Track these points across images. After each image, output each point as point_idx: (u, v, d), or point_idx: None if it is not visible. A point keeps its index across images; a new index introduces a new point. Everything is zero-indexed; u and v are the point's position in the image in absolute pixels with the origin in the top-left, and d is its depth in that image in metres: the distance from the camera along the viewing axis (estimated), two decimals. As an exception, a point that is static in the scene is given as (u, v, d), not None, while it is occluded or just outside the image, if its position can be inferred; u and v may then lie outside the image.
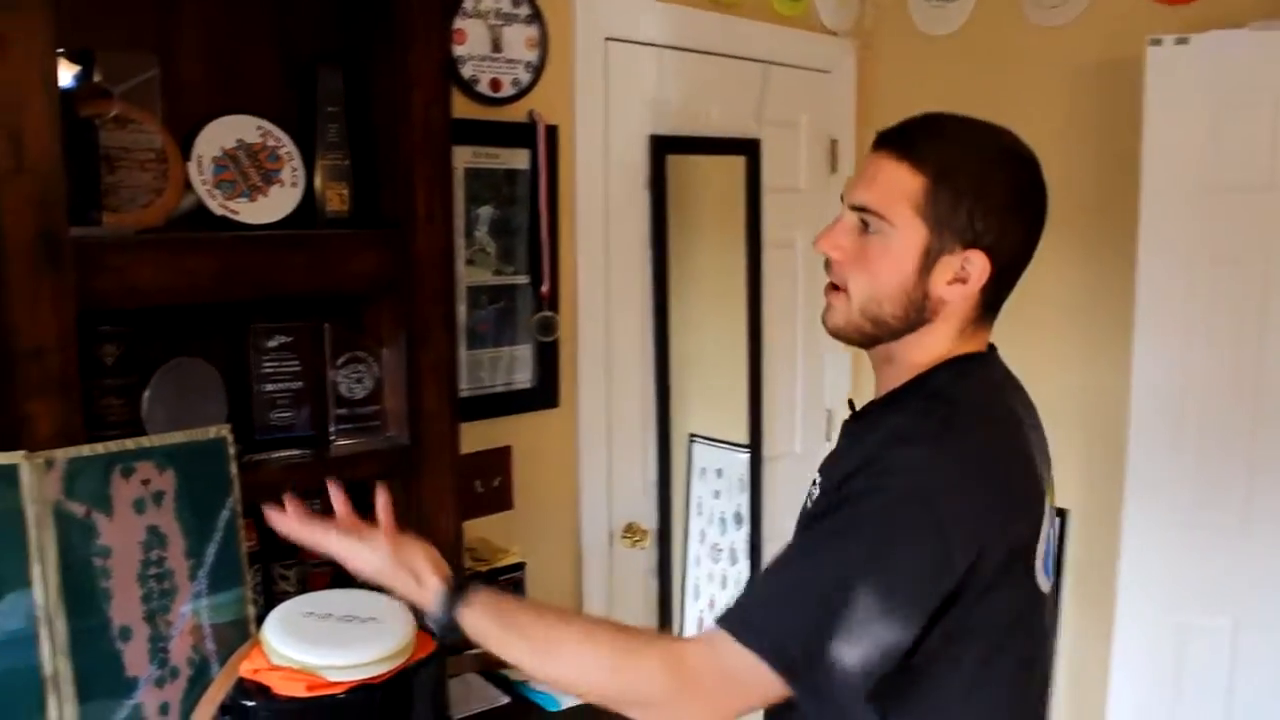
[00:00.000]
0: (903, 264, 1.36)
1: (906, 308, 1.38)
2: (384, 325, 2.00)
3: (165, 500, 1.63)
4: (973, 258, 1.35)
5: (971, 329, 1.42)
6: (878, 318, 1.40)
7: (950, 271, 1.36)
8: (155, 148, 1.75)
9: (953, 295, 1.37)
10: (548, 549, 2.64)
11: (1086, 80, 3.01)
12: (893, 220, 1.36)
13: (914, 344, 1.41)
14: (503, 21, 2.46)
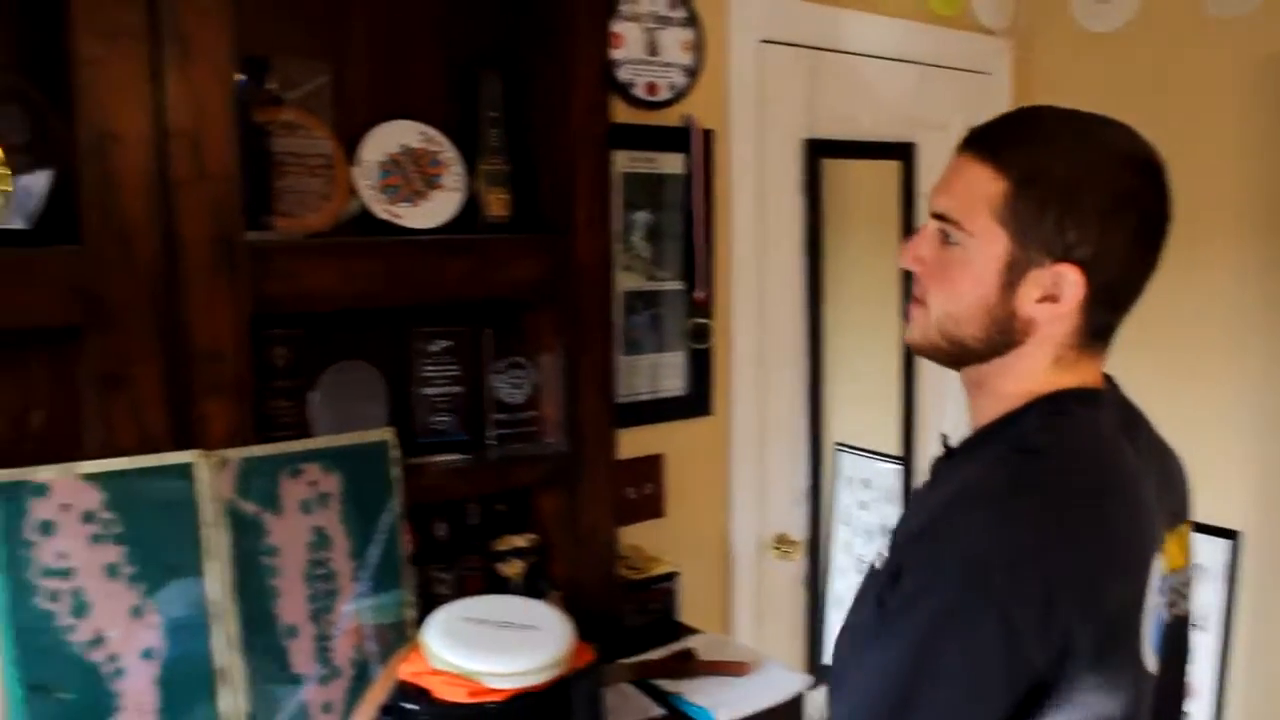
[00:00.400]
0: (983, 279, 1.19)
1: (989, 328, 1.21)
2: (543, 331, 2.00)
3: (331, 501, 1.65)
4: (1064, 273, 1.16)
5: (1074, 356, 1.22)
6: (956, 338, 1.23)
7: (1039, 288, 1.17)
8: (324, 153, 1.78)
9: (1043, 316, 1.19)
10: (697, 558, 2.61)
11: (1272, 75, 2.83)
12: (971, 229, 1.19)
13: (1004, 370, 1.23)
14: (659, 25, 2.44)
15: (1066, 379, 1.22)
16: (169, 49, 1.50)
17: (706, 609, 2.64)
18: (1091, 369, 1.25)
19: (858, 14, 2.88)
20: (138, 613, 1.47)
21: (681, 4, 2.47)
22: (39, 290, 1.44)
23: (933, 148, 3.15)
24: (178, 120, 1.51)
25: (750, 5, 2.62)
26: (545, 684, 1.57)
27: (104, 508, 1.45)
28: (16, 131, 1.53)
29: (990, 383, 1.25)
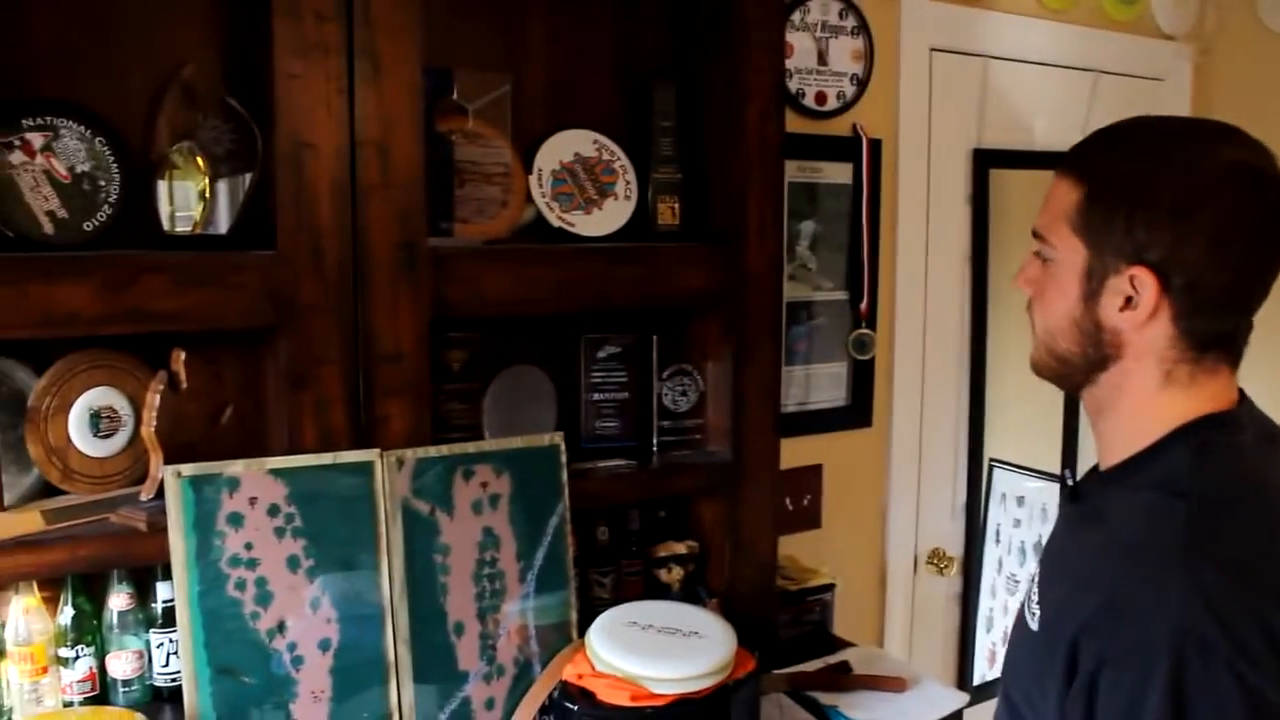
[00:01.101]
0: (1068, 291, 1.18)
1: (1081, 341, 1.18)
2: (710, 339, 2.01)
3: (501, 503, 1.69)
4: (1138, 275, 1.12)
5: (1186, 372, 1.16)
6: (1057, 354, 1.22)
7: (1119, 295, 1.14)
8: (503, 161, 1.82)
9: (1127, 324, 1.15)
10: (852, 570, 2.59)
11: None
12: (1056, 243, 1.19)
13: (1115, 391, 1.19)
14: (829, 34, 2.43)
15: (1192, 401, 1.16)
16: (361, 64, 1.55)
17: (860, 622, 2.62)
18: (1215, 386, 1.17)
19: (1030, 20, 2.82)
20: (315, 604, 1.53)
21: (852, 12, 2.45)
22: (236, 293, 1.51)
23: (1106, 158, 3.06)
24: (367, 131, 1.57)
25: (921, 13, 2.59)
26: (706, 690, 1.59)
27: (287, 502, 1.52)
28: (219, 142, 1.61)
29: (1108, 408, 1.21)
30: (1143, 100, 3.15)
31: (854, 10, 2.46)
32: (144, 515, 1.49)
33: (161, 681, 1.63)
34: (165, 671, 1.63)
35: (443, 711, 1.63)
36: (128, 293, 1.45)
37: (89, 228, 1.51)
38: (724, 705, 1.61)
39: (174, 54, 1.62)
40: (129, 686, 1.61)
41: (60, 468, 1.55)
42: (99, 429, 1.57)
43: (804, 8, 2.38)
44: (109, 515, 1.52)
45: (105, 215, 1.52)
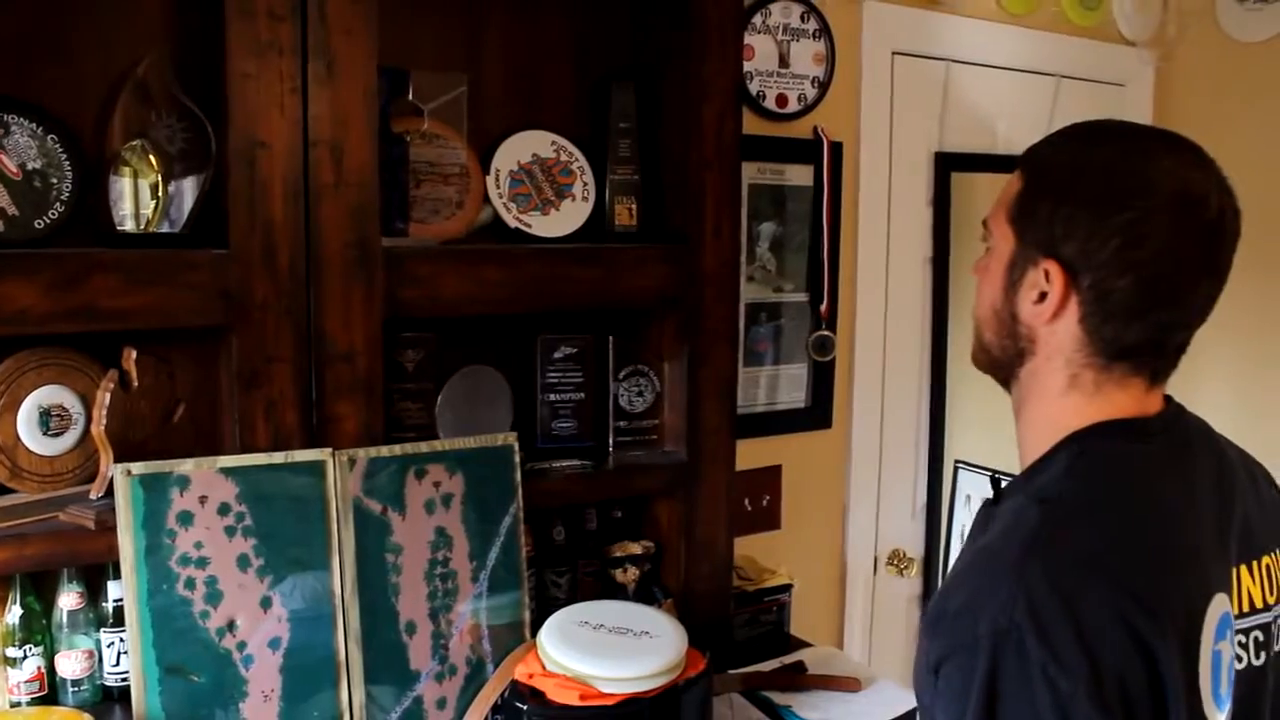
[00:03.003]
0: (996, 279, 1.18)
1: (999, 331, 1.19)
2: (666, 340, 2.01)
3: (454, 503, 1.69)
4: (1050, 269, 1.11)
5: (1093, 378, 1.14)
6: (983, 343, 1.24)
7: (1034, 289, 1.13)
8: (459, 162, 1.82)
9: (1038, 320, 1.14)
10: (812, 571, 2.60)
11: None
12: (993, 230, 1.19)
13: (1028, 390, 1.19)
14: (791, 37, 2.44)
15: (1091, 409, 1.15)
16: (315, 64, 1.56)
17: (818, 623, 2.63)
18: (1123, 397, 1.15)
19: (992, 24, 2.84)
20: (266, 603, 1.53)
21: (814, 15, 2.47)
22: (188, 291, 1.51)
23: (1067, 162, 3.08)
24: (321, 131, 1.57)
25: (883, 17, 2.60)
26: (655, 691, 1.60)
27: (238, 501, 1.52)
28: (173, 140, 1.60)
29: (1022, 406, 1.21)
30: (1104, 105, 3.17)
31: (815, 13, 2.47)
32: (92, 514, 1.49)
33: (112, 681, 1.63)
34: (115, 671, 1.62)
35: (394, 711, 1.63)
36: (78, 290, 1.44)
37: (40, 225, 1.51)
38: (674, 705, 1.62)
39: (128, 51, 1.61)
40: (78, 686, 1.60)
41: (9, 466, 1.55)
42: (48, 427, 1.56)
43: (765, 10, 2.39)
44: (57, 514, 1.51)
45: (57, 213, 1.52)
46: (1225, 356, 3.19)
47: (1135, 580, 1.03)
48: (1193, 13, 3.19)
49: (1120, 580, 1.03)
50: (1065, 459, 1.13)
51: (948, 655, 1.05)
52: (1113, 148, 1.13)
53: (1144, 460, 1.15)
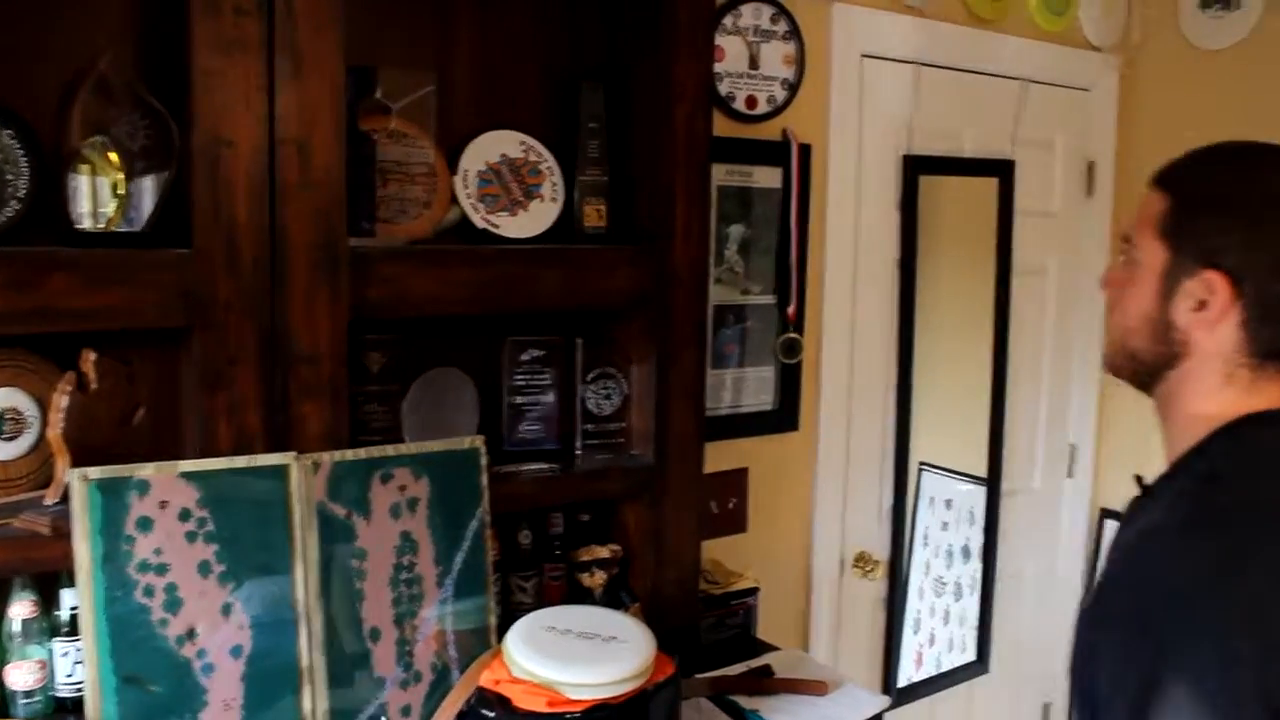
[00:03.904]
0: (1144, 289, 1.26)
1: (1153, 339, 1.26)
2: (635, 342, 2.00)
3: (419, 507, 1.67)
4: (1211, 279, 1.19)
5: (1247, 376, 1.21)
6: (1129, 350, 1.30)
7: (1191, 297, 1.21)
8: (427, 162, 1.80)
9: (1198, 325, 1.22)
10: (777, 574, 2.60)
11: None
12: (1140, 244, 1.27)
13: (1180, 388, 1.26)
14: (761, 38, 2.43)
15: (1247, 402, 1.22)
16: (282, 61, 1.53)
17: (785, 626, 2.63)
18: (1272, 391, 1.22)
19: (961, 29, 2.84)
20: (227, 610, 1.50)
21: (784, 17, 2.46)
22: (150, 292, 1.48)
23: (1033, 165, 3.10)
24: (288, 129, 1.54)
25: (853, 19, 2.60)
26: (624, 696, 1.58)
27: (199, 506, 1.49)
28: (135, 137, 1.57)
29: (1172, 406, 1.28)
30: (1071, 110, 3.20)
31: (786, 15, 2.46)
32: (48, 520, 1.45)
33: (65, 692, 1.58)
34: (69, 682, 1.58)
35: (358, 718, 1.60)
36: (35, 291, 1.41)
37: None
38: (642, 710, 1.60)
39: (88, 45, 1.58)
40: (30, 698, 1.56)
41: (-39, 471, 1.51)
42: (2, 431, 1.53)
43: (735, 12, 2.38)
44: (11, 520, 1.48)
45: (13, 210, 1.48)
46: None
47: None
48: (1156, 20, 3.22)
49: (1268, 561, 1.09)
50: (1223, 444, 1.21)
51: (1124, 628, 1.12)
52: (1256, 165, 1.24)
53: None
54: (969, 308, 3.07)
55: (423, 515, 1.67)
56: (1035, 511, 3.36)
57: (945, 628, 3.15)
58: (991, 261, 3.05)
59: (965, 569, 3.15)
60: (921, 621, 3.11)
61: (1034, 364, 3.26)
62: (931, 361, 2.91)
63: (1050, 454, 3.38)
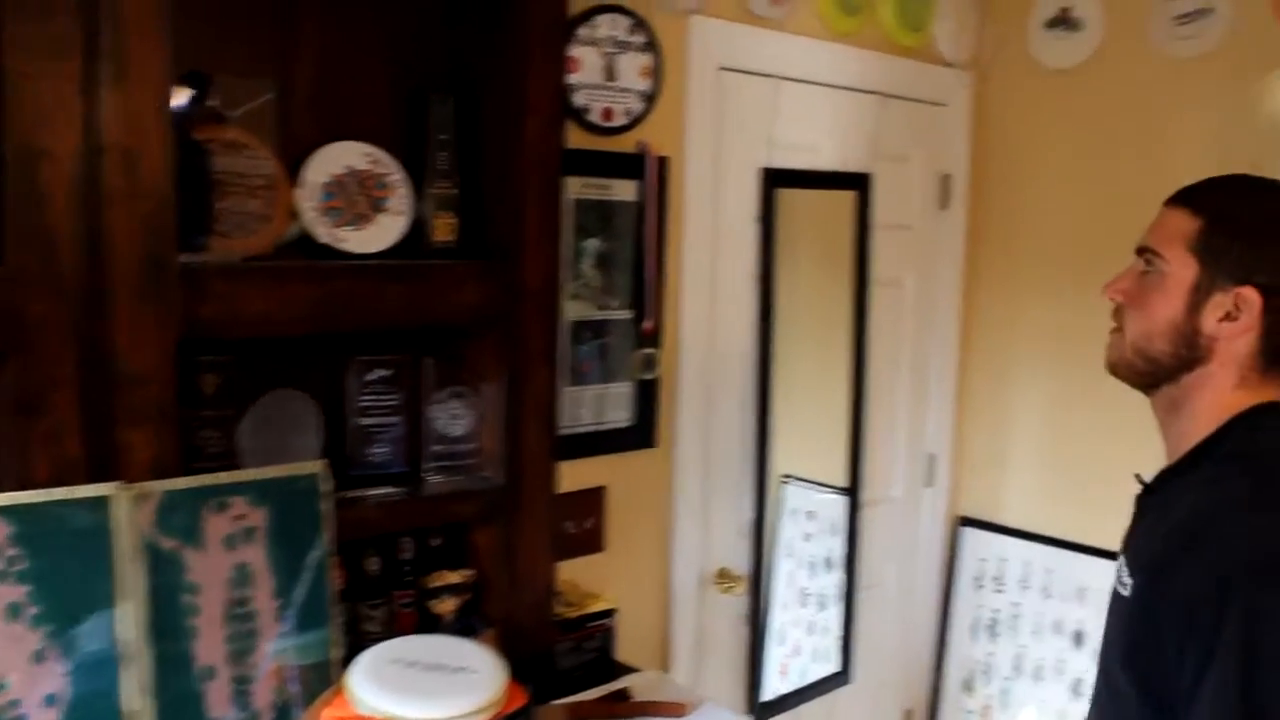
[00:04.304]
0: (1173, 299, 1.40)
1: (1177, 343, 1.40)
2: (486, 360, 1.94)
3: (256, 536, 1.59)
4: (1245, 295, 1.36)
5: (1256, 379, 1.40)
6: (1149, 354, 1.43)
7: (1221, 309, 1.37)
8: (266, 173, 1.71)
9: (1225, 333, 1.38)
10: (637, 593, 2.56)
11: (1222, 116, 2.86)
12: (1167, 257, 1.41)
13: (1197, 388, 1.42)
14: (617, 50, 2.40)
15: (1255, 398, 1.40)
16: (104, 65, 1.43)
17: (645, 646, 2.59)
18: (1272, 391, 1.40)
19: (818, 42, 2.85)
20: (39, 657, 1.40)
21: (641, 29, 2.43)
22: (-47, 312, 1.37)
23: (890, 179, 3.13)
24: (111, 137, 1.45)
25: (710, 32, 2.59)
26: (474, 730, 1.52)
27: (10, 543, 1.38)
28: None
29: (1186, 404, 1.43)
30: (927, 124, 3.25)
31: (643, 27, 2.43)
32: None
33: None
34: None
35: (191, 762, 1.52)
36: None
37: None
38: (494, 745, 1.55)
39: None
40: None
41: None
42: None
43: (591, 23, 2.34)
44: None
45: None
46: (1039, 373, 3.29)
47: None
48: (1006, 38, 3.29)
49: None
50: (1242, 427, 1.39)
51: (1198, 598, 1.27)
52: (1275, 192, 1.41)
53: None
54: (828, 320, 3.09)
55: (260, 545, 1.59)
56: (895, 521, 3.40)
57: (810, 639, 3.16)
58: (849, 274, 3.07)
59: (828, 580, 3.16)
60: (786, 633, 3.12)
61: (892, 375, 3.30)
62: (792, 374, 2.92)
63: (909, 464, 3.42)
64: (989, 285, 3.41)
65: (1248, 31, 2.80)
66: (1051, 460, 3.30)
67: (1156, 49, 2.97)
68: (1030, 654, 3.33)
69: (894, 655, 3.46)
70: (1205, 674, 1.25)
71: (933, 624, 3.56)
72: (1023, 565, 3.35)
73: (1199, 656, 1.25)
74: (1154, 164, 2.98)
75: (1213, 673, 1.24)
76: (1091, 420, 3.16)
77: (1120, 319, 1.49)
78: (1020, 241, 3.32)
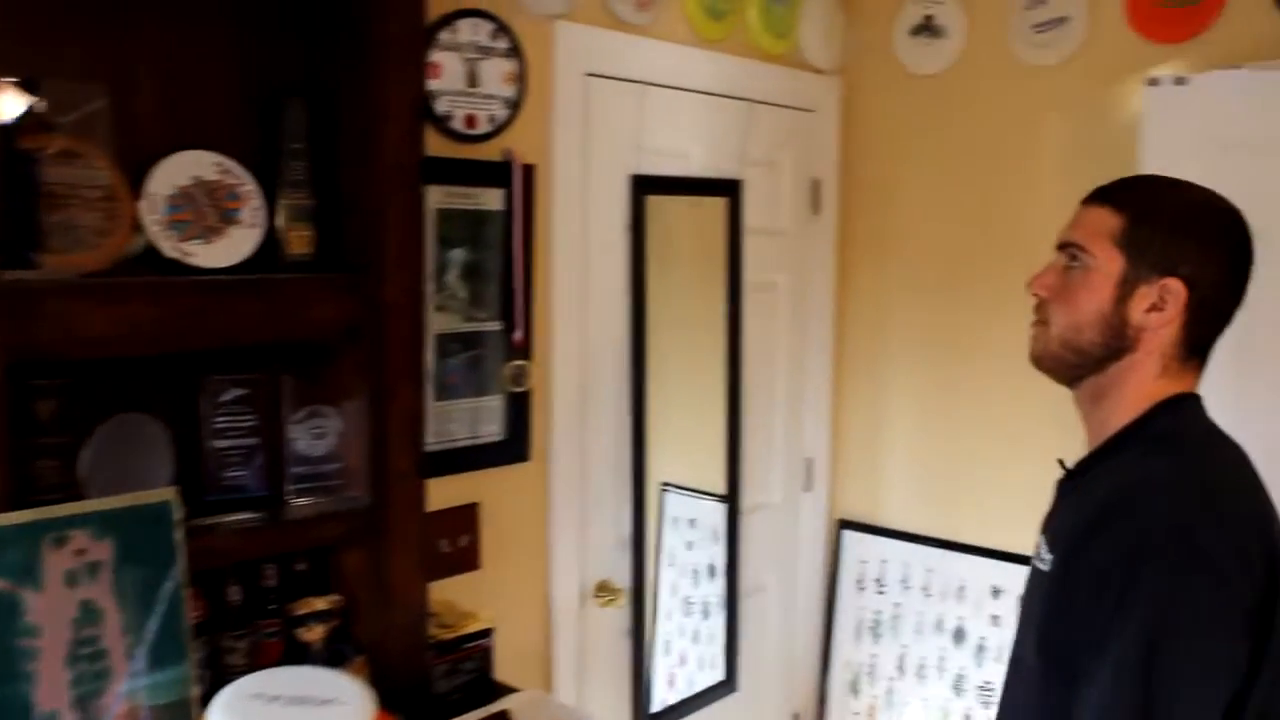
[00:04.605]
0: (1101, 292, 1.44)
1: (1105, 334, 1.45)
2: (347, 377, 1.87)
3: (102, 572, 1.49)
4: (1170, 285, 1.41)
5: (1177, 368, 1.46)
6: (1076, 345, 1.47)
7: (1147, 300, 1.42)
8: (103, 185, 1.62)
9: (1151, 323, 1.43)
10: (516, 611, 2.50)
11: (1079, 121, 2.94)
12: (1093, 252, 1.45)
13: (1121, 377, 1.46)
14: (480, 55, 2.34)
15: (1175, 387, 1.46)
16: (-87, 68, 1.33)
17: (526, 665, 2.53)
18: (1191, 379, 1.48)
19: (686, 48, 2.83)
20: None
21: (504, 34, 2.37)
22: None
23: (761, 184, 3.13)
24: (-77, 147, 1.35)
25: (575, 37, 2.54)
26: (341, 767, 1.45)
27: None
28: None
29: (1111, 392, 1.48)
30: (796, 130, 3.25)
31: (506, 32, 2.38)
32: None
33: None
34: None
35: (35, 815, 1.42)
36: None
37: None
38: (362, 779, 1.48)
39: None
40: None
41: None
42: None
43: (452, 27, 2.28)
44: None
45: None
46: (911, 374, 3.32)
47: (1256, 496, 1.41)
48: (872, 45, 3.32)
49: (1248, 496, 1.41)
50: (1164, 413, 1.45)
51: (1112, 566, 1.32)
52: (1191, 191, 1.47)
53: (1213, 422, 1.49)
54: (703, 326, 3.07)
55: (107, 580, 1.50)
56: (776, 526, 3.39)
57: (696, 647, 3.13)
58: (723, 279, 3.05)
59: (712, 587, 3.14)
60: (672, 643, 3.09)
61: (768, 380, 3.29)
62: (668, 382, 2.89)
63: (788, 469, 3.41)
64: (861, 289, 3.43)
65: (1102, 39, 2.88)
66: (926, 460, 3.33)
67: (1016, 56, 3.04)
68: (913, 653, 3.35)
69: (779, 660, 3.45)
70: (1108, 647, 1.30)
71: (817, 627, 3.56)
72: (903, 566, 3.37)
73: (1105, 627, 1.30)
74: (1014, 167, 3.06)
75: (1115, 647, 1.29)
76: (963, 419, 3.20)
77: (1044, 313, 1.52)
78: (890, 244, 3.35)
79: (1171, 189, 1.49)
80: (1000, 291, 3.07)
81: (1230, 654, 1.29)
